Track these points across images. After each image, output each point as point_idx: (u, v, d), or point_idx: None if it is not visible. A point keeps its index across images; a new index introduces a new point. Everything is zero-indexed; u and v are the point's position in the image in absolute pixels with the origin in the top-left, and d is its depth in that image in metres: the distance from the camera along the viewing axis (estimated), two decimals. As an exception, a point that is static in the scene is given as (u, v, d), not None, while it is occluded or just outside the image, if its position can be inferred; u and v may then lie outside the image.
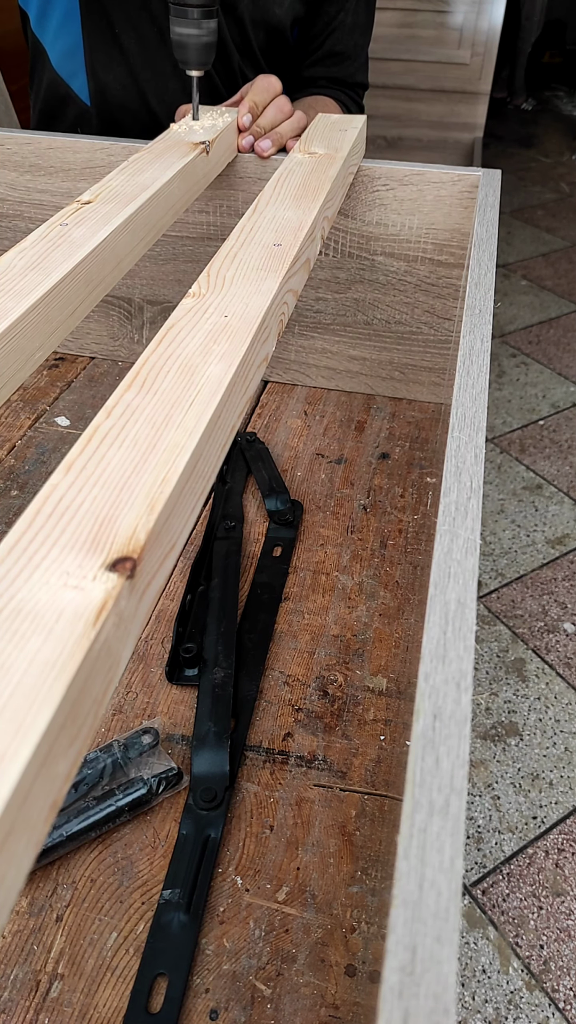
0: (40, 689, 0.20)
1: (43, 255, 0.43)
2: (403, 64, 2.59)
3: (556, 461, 1.98)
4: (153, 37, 0.81)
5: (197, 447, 0.29)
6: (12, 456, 0.75)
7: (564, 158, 3.97)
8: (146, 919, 0.42)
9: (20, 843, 0.19)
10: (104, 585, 0.23)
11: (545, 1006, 1.04)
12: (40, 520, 0.25)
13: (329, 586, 0.62)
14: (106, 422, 0.30)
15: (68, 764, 0.21)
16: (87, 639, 0.21)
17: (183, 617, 0.58)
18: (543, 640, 1.53)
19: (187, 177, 0.57)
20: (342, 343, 0.80)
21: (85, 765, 0.47)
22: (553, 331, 2.51)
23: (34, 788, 0.19)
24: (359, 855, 0.45)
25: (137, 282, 0.82)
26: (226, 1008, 0.39)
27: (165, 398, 0.32)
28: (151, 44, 0.81)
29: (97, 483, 0.27)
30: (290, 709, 0.53)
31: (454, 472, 0.33)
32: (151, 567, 0.26)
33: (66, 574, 0.23)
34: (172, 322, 0.37)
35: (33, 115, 0.95)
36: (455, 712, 0.24)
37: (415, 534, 0.66)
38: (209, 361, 0.34)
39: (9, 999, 0.39)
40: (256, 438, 0.75)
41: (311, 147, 0.63)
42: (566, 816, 1.25)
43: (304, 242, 0.47)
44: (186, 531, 0.30)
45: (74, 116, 0.89)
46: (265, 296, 0.40)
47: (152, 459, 0.28)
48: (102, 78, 0.84)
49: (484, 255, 0.51)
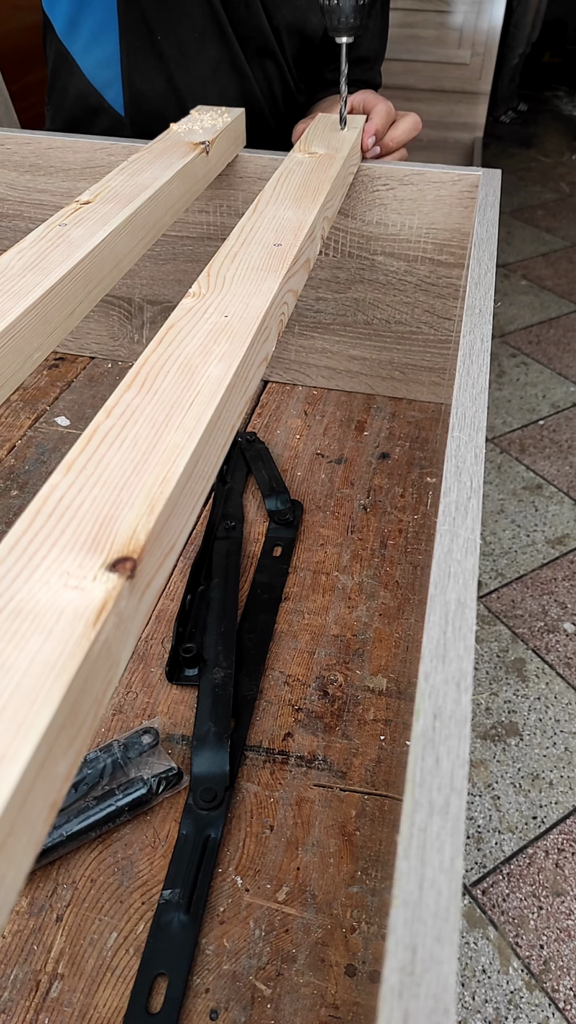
0: (40, 689, 0.20)
1: (42, 255, 0.43)
2: (403, 64, 2.59)
3: (556, 461, 1.98)
4: (193, 43, 0.81)
5: (197, 448, 0.29)
6: (12, 456, 0.75)
7: (564, 158, 3.97)
8: (146, 919, 0.42)
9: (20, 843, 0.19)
10: (104, 585, 0.23)
11: (545, 1006, 1.04)
12: (40, 520, 0.25)
13: (329, 586, 0.62)
14: (106, 422, 0.30)
15: (68, 764, 0.21)
16: (87, 639, 0.21)
17: (183, 617, 0.58)
18: (543, 640, 1.53)
19: (187, 177, 0.57)
20: (342, 343, 0.80)
21: (85, 765, 0.47)
22: (553, 331, 2.51)
23: (34, 788, 0.19)
24: (359, 855, 0.45)
25: (137, 282, 0.82)
26: (226, 1008, 0.39)
27: (165, 398, 0.32)
28: (190, 50, 0.81)
29: (97, 483, 0.27)
30: (290, 709, 0.53)
31: (454, 472, 0.33)
32: (151, 567, 0.26)
33: (66, 574, 0.23)
34: (172, 322, 0.37)
35: (52, 125, 0.92)
36: (455, 712, 0.24)
37: (415, 534, 0.66)
38: (209, 361, 0.34)
39: (9, 999, 0.39)
40: (256, 438, 0.75)
41: (311, 147, 0.63)
42: (566, 816, 1.25)
43: (304, 242, 0.47)
44: (186, 531, 0.30)
45: (105, 127, 0.87)
46: (265, 296, 0.40)
47: (152, 459, 0.28)
48: (139, 87, 0.83)
49: (484, 255, 0.51)
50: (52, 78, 0.89)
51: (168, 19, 0.79)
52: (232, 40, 0.81)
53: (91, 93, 0.85)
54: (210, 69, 0.83)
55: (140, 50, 0.81)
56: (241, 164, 0.70)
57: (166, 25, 0.79)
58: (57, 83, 0.88)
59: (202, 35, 0.80)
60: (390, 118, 0.71)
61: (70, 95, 0.87)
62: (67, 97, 0.88)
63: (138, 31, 0.80)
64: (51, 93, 0.91)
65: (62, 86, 0.88)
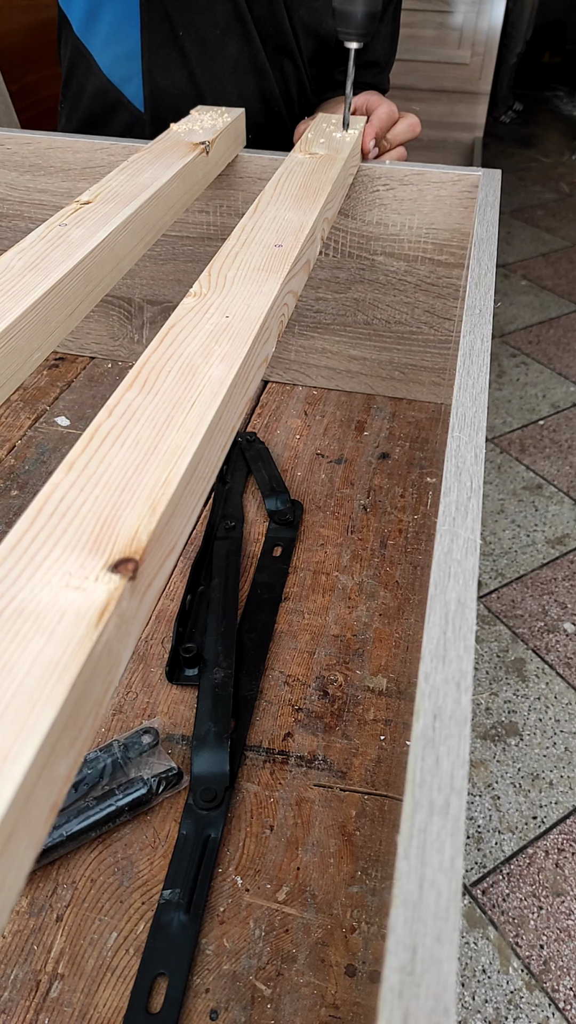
0: (42, 691, 0.20)
1: (42, 255, 0.43)
2: (403, 64, 2.59)
3: (556, 461, 1.98)
4: (214, 39, 0.80)
5: (199, 449, 0.29)
6: (12, 456, 0.75)
7: (564, 158, 3.97)
8: (146, 919, 0.42)
9: (21, 845, 0.19)
10: (106, 586, 0.23)
11: (545, 1006, 1.04)
12: (42, 520, 0.25)
13: (329, 586, 0.62)
14: (107, 421, 0.30)
15: (69, 765, 0.21)
16: (89, 640, 0.21)
17: (183, 617, 0.58)
18: (543, 640, 1.53)
19: (187, 177, 0.57)
20: (342, 343, 0.80)
21: (85, 765, 0.47)
22: (553, 331, 2.51)
23: (36, 790, 0.19)
24: (359, 855, 0.45)
25: (137, 282, 0.82)
26: (226, 1008, 0.39)
27: (166, 398, 0.32)
28: (212, 46, 0.81)
29: (99, 483, 0.27)
30: (290, 709, 0.53)
31: (454, 472, 0.33)
32: (152, 568, 0.26)
33: (68, 575, 0.23)
34: (173, 321, 0.37)
35: (67, 124, 0.91)
36: (455, 712, 0.24)
37: (415, 534, 0.66)
38: (210, 362, 0.34)
39: (9, 999, 0.39)
40: (256, 438, 0.75)
41: (312, 148, 0.63)
42: (566, 816, 1.25)
43: (305, 243, 0.47)
44: (186, 532, 0.30)
45: (125, 123, 0.86)
46: (266, 297, 0.40)
47: (154, 460, 0.28)
48: (160, 82, 0.83)
49: (484, 255, 0.51)
50: (68, 75, 0.88)
51: (190, 14, 0.78)
52: (254, 37, 0.81)
53: (110, 89, 0.85)
54: (230, 66, 0.82)
55: (161, 45, 0.80)
56: (241, 164, 0.70)
57: (188, 20, 0.79)
58: (73, 80, 0.88)
59: (224, 31, 0.80)
60: (391, 120, 0.71)
61: (87, 92, 0.86)
62: (84, 94, 0.87)
63: (160, 26, 0.79)
64: (66, 91, 0.90)
65: (79, 83, 0.87)
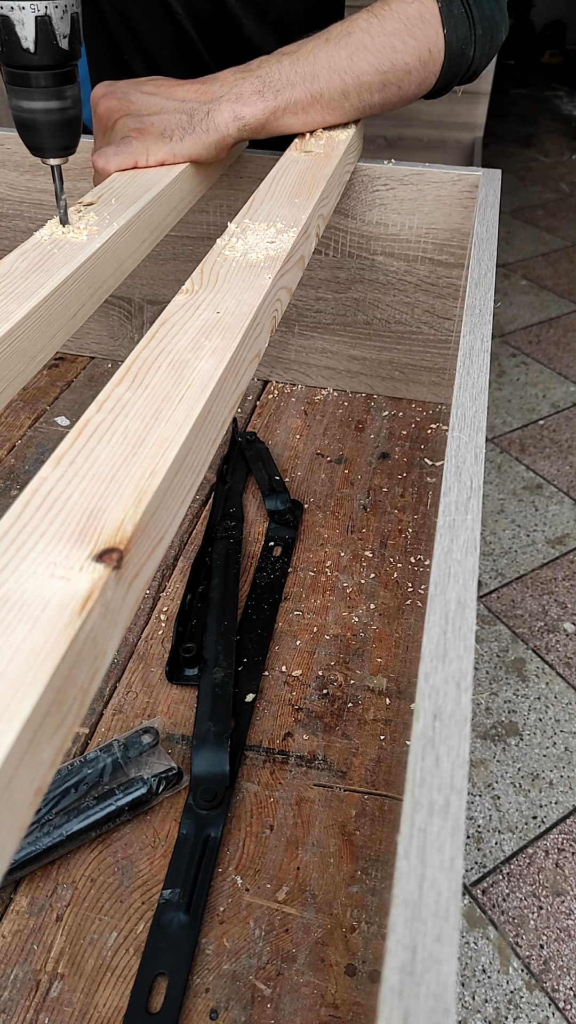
0: (25, 677, 0.21)
1: (45, 257, 0.43)
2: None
3: (556, 461, 1.98)
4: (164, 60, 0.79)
5: (186, 441, 0.30)
6: (12, 456, 0.75)
7: (564, 158, 3.97)
8: (146, 919, 0.42)
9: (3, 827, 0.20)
10: (90, 576, 0.23)
11: (545, 1006, 1.04)
12: (28, 512, 0.26)
13: (329, 586, 0.62)
14: (96, 416, 0.30)
15: (53, 750, 0.22)
16: (72, 628, 0.22)
17: (183, 617, 0.58)
18: (543, 640, 1.53)
19: (189, 178, 0.57)
20: (342, 343, 0.80)
21: (85, 765, 0.47)
22: (553, 331, 2.51)
23: (18, 773, 0.20)
24: (359, 855, 0.45)
25: (137, 282, 0.82)
26: (226, 1008, 0.39)
27: (156, 393, 0.32)
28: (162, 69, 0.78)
29: (86, 476, 0.27)
30: (290, 709, 0.53)
31: (454, 472, 0.34)
32: (138, 559, 0.26)
33: (53, 564, 0.24)
34: (164, 318, 0.37)
35: None
36: (455, 712, 0.24)
37: (415, 534, 0.66)
38: (200, 356, 0.35)
39: (9, 999, 0.39)
40: (256, 438, 0.75)
41: (307, 146, 0.63)
42: (566, 816, 1.25)
43: (298, 239, 0.47)
44: (175, 524, 0.30)
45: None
46: (258, 293, 0.40)
47: (141, 452, 0.29)
48: None
49: (484, 255, 0.51)
50: None
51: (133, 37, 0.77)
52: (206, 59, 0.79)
53: None
54: None
55: (107, 68, 0.80)
56: (241, 164, 0.70)
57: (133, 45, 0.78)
58: None
59: (172, 52, 0.78)
60: None
61: None
62: None
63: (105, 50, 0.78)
64: None
65: None
